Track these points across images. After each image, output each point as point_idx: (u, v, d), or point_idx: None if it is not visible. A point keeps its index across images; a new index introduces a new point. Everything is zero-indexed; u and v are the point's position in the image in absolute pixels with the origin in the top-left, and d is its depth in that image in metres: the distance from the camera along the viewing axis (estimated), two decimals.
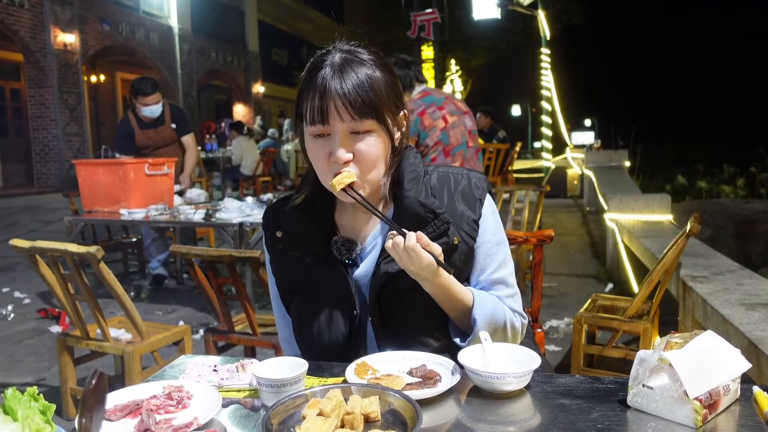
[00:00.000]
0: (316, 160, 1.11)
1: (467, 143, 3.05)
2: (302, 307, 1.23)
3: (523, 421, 0.93)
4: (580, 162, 10.07)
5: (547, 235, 2.04)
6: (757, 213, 5.86)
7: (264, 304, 4.28)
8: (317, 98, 1.05)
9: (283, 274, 1.27)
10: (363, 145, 1.08)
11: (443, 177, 1.22)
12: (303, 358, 1.19)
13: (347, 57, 1.08)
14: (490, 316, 1.15)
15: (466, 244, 1.19)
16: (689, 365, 0.88)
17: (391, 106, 1.10)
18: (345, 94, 1.04)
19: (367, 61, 1.08)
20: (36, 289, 4.75)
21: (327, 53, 1.10)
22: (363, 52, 1.10)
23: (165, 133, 4.57)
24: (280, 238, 1.22)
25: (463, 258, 1.19)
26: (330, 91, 1.04)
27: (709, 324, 2.25)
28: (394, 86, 1.12)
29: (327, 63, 1.07)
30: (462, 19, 19.62)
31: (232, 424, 0.95)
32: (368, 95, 1.05)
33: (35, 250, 2.22)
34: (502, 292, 1.22)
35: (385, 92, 1.08)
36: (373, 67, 1.08)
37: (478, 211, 1.20)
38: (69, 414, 2.56)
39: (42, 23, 10.26)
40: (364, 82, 1.05)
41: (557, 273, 5.22)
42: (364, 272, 1.20)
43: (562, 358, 3.31)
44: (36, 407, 0.82)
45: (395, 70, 1.17)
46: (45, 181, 10.74)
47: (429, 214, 1.15)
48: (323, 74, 1.06)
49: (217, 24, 16.08)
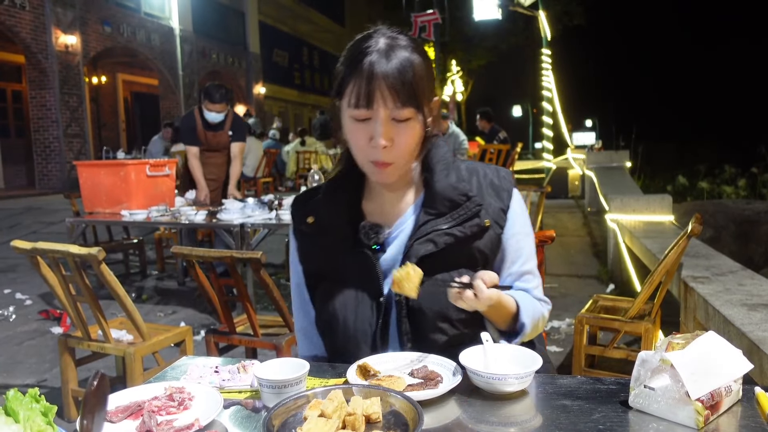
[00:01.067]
0: (357, 141, 1.14)
1: None
2: (328, 293, 1.23)
3: (525, 422, 0.93)
4: (581, 162, 10.07)
5: (548, 235, 2.04)
6: (759, 213, 5.86)
7: (265, 305, 4.28)
8: (364, 83, 1.08)
9: (310, 260, 1.29)
10: (401, 133, 1.12)
11: (472, 168, 1.26)
12: (324, 347, 1.22)
13: (391, 43, 1.10)
14: (533, 318, 1.20)
15: (494, 231, 1.22)
16: (691, 366, 0.88)
17: (428, 93, 1.14)
18: (392, 82, 1.07)
19: (408, 47, 1.11)
20: (37, 290, 4.75)
21: (369, 37, 1.12)
22: (402, 38, 1.13)
23: (221, 139, 4.62)
24: (311, 224, 1.24)
25: (491, 245, 1.22)
26: (377, 77, 1.07)
27: (711, 325, 2.24)
28: (430, 73, 1.15)
29: (373, 48, 1.09)
30: (463, 20, 19.66)
31: (233, 425, 0.95)
32: (411, 83, 1.08)
33: (37, 252, 2.22)
34: (531, 284, 1.27)
35: (425, 79, 1.11)
36: (414, 53, 1.11)
37: (506, 201, 1.23)
38: (70, 415, 2.56)
39: (43, 25, 10.27)
40: (408, 69, 1.08)
41: (558, 273, 5.22)
42: (391, 257, 1.21)
43: (564, 358, 3.31)
44: (37, 408, 0.82)
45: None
46: (46, 182, 10.75)
47: (462, 196, 1.19)
48: (370, 60, 1.08)
49: (218, 25, 16.10)
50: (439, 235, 1.17)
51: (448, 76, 22.33)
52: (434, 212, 1.18)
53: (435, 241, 1.16)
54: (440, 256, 1.16)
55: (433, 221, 1.18)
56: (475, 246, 1.20)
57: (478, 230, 1.19)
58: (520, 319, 1.18)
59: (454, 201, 1.18)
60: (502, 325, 1.20)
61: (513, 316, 1.19)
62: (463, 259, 1.19)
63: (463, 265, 1.18)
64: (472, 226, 1.17)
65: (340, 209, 1.23)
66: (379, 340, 1.18)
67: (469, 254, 1.20)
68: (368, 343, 1.19)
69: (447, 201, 1.18)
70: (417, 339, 1.18)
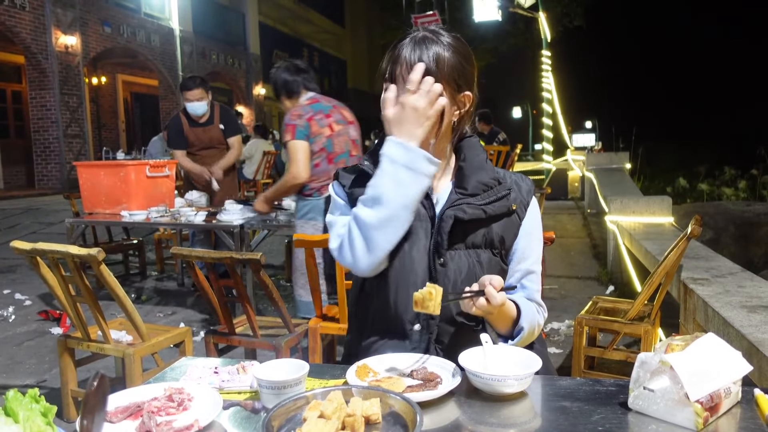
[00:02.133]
0: None
1: (350, 152, 3.16)
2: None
3: (524, 423, 0.93)
4: (581, 164, 10.07)
5: (548, 237, 2.04)
6: (759, 215, 5.86)
7: (265, 306, 4.28)
8: (390, 63, 1.24)
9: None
10: None
11: (498, 169, 1.35)
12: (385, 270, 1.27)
13: (427, 36, 1.23)
14: (531, 323, 1.26)
15: (518, 217, 1.31)
16: (690, 368, 0.88)
17: (451, 83, 1.22)
18: (409, 64, 1.20)
19: (443, 42, 1.22)
20: (37, 290, 4.75)
21: (415, 29, 1.25)
22: (445, 35, 1.24)
23: (213, 133, 4.50)
24: (365, 173, 1.28)
25: (510, 231, 1.30)
26: (400, 59, 1.22)
27: (710, 326, 2.24)
28: (461, 68, 1.24)
29: (410, 37, 1.23)
30: (463, 21, 19.65)
31: (232, 425, 0.95)
32: (429, 69, 1.19)
33: (36, 252, 2.22)
34: (535, 285, 1.34)
35: (447, 70, 1.21)
36: (446, 48, 1.22)
37: (527, 198, 1.33)
38: (70, 416, 2.56)
39: (43, 25, 10.27)
40: (430, 58, 1.20)
41: (558, 275, 5.22)
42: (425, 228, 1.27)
43: (563, 360, 3.30)
44: (37, 409, 0.82)
45: (290, 75, 1.27)
46: (46, 182, 10.74)
47: (493, 180, 1.28)
48: (402, 44, 1.23)
49: (218, 26, 16.10)
50: (470, 206, 1.25)
51: None
52: (466, 192, 1.26)
53: (465, 210, 1.24)
54: (465, 228, 1.25)
55: (465, 198, 1.26)
56: (497, 228, 1.28)
57: (505, 211, 1.28)
58: (520, 323, 1.24)
59: (487, 183, 1.27)
60: (503, 329, 1.26)
61: (513, 320, 1.25)
62: (485, 238, 1.27)
63: (479, 245, 1.27)
64: (500, 206, 1.27)
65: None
66: (435, 264, 1.25)
67: (490, 234, 1.27)
68: (424, 268, 1.25)
69: (481, 184, 1.27)
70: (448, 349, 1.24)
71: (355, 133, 3.22)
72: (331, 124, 3.10)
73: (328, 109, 3.13)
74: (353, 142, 3.20)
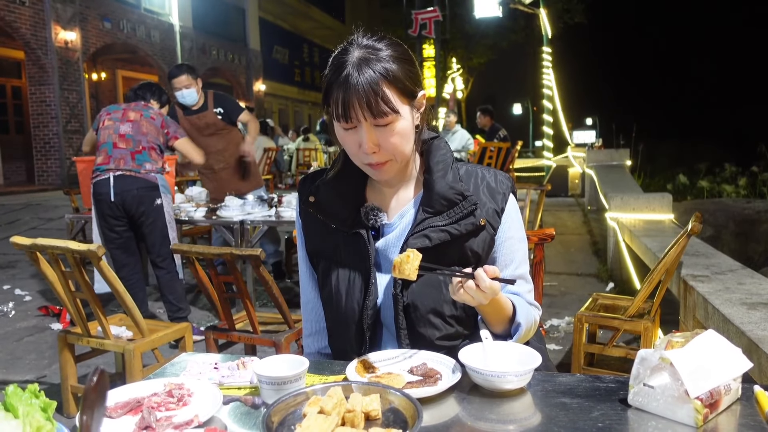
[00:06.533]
0: (348, 147, 1.19)
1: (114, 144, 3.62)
2: (326, 272, 1.29)
3: (524, 419, 0.93)
4: (582, 161, 10.06)
5: (548, 233, 2.04)
6: (759, 212, 5.86)
7: (264, 302, 4.28)
8: (341, 98, 1.11)
9: (311, 239, 1.33)
10: (387, 136, 1.15)
11: (471, 170, 1.29)
12: (325, 320, 1.29)
13: (365, 56, 1.11)
14: (527, 320, 1.22)
15: (488, 231, 1.25)
16: (690, 364, 0.88)
17: (408, 95, 1.15)
18: (363, 96, 1.09)
19: (384, 58, 1.12)
20: (37, 286, 4.75)
21: (345, 51, 1.14)
22: (381, 47, 1.14)
23: (209, 119, 4.44)
24: (313, 203, 1.27)
25: (484, 245, 1.24)
26: (350, 93, 1.10)
27: (710, 323, 2.25)
28: (410, 74, 1.16)
29: (348, 62, 1.11)
30: (463, 17, 19.63)
31: (232, 421, 0.95)
32: (385, 95, 1.10)
33: (36, 248, 2.22)
34: (523, 288, 1.29)
35: (401, 84, 1.13)
36: (390, 61, 1.12)
37: (501, 204, 1.26)
38: (70, 411, 2.56)
39: (43, 21, 10.25)
40: (379, 83, 1.10)
41: (558, 272, 5.22)
42: (388, 248, 1.24)
43: (563, 357, 3.31)
44: (37, 404, 0.82)
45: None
46: (46, 178, 10.74)
47: (458, 196, 1.21)
48: (345, 74, 1.10)
49: (218, 22, 16.07)
50: (435, 231, 1.20)
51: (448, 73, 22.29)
52: (431, 210, 1.21)
53: (430, 236, 1.19)
54: (434, 253, 1.18)
55: (431, 218, 1.20)
56: (468, 245, 1.22)
57: (473, 228, 1.21)
58: (516, 319, 1.20)
59: (451, 200, 1.21)
60: (498, 327, 1.21)
61: (509, 318, 1.20)
62: (456, 257, 1.22)
63: (456, 264, 1.19)
64: (467, 225, 1.21)
65: (342, 194, 1.26)
66: (368, 322, 1.22)
67: (462, 253, 1.22)
68: (356, 322, 1.23)
69: (444, 200, 1.21)
70: (410, 335, 1.21)
71: (126, 128, 3.65)
72: (104, 120, 3.82)
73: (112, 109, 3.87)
74: (121, 135, 3.64)
